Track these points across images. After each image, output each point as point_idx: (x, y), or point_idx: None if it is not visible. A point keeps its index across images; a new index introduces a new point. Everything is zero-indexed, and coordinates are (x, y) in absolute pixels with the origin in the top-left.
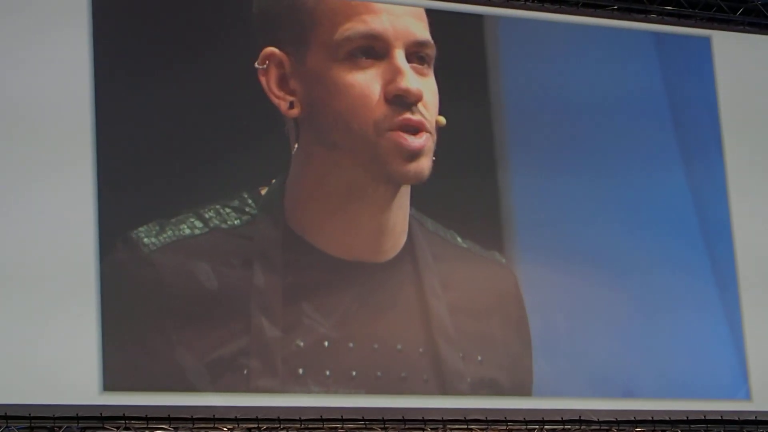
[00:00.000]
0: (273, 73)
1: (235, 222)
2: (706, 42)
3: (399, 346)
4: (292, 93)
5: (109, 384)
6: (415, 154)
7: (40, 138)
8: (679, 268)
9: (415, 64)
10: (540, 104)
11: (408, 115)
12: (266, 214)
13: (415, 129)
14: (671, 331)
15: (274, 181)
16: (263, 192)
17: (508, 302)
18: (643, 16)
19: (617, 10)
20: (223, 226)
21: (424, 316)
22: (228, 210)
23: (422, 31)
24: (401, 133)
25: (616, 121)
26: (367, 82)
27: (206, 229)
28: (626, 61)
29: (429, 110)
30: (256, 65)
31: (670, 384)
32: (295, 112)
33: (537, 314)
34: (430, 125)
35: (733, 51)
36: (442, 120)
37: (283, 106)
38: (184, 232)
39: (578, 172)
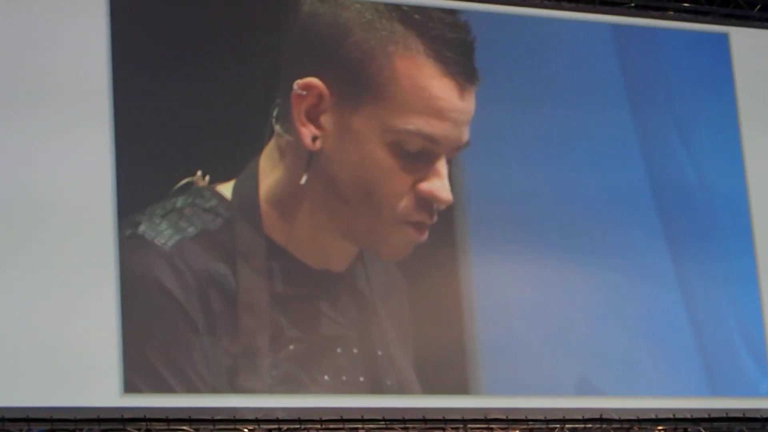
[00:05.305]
0: (308, 103)
1: (212, 225)
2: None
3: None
4: (319, 128)
5: (130, 386)
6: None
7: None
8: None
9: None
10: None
11: (427, 218)
12: (243, 220)
13: (427, 227)
14: (690, 328)
15: (235, 181)
16: (219, 188)
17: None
18: (660, 13)
19: (634, 7)
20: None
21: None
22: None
23: (467, 134)
24: (415, 231)
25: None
26: (404, 172)
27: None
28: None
29: None
30: (294, 86)
31: (691, 382)
32: (316, 145)
33: (554, 310)
34: None
35: (751, 47)
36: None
37: (306, 136)
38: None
39: (537, 163)
